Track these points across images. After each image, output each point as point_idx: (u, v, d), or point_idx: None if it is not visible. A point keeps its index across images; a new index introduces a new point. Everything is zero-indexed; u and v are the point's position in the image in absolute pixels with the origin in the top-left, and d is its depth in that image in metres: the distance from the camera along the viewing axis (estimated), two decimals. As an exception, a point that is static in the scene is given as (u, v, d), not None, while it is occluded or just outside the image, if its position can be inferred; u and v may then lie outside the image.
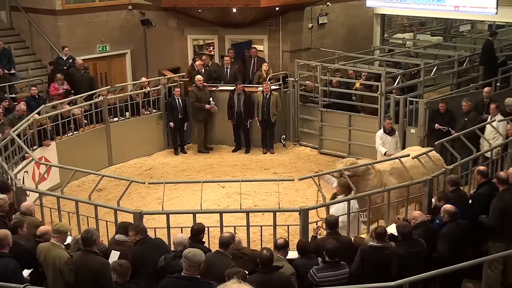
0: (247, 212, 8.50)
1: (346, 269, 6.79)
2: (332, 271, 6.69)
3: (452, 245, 7.36)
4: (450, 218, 7.53)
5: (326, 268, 6.72)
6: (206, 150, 14.92)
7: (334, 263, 6.74)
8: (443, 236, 7.44)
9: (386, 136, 12.12)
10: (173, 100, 14.51)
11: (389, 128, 12.16)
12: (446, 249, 7.37)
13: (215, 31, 16.90)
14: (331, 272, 6.68)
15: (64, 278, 6.87)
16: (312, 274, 6.69)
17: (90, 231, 6.96)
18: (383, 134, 12.16)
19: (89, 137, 13.56)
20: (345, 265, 6.81)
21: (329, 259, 6.74)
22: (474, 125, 11.12)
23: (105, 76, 17.90)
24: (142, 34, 18.07)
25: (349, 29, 17.86)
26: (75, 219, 8.82)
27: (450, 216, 7.53)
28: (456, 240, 7.39)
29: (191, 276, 5.70)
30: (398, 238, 7.25)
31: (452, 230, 7.46)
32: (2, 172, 9.93)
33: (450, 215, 7.53)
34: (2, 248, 6.63)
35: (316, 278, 6.65)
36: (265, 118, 14.51)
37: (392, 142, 12.09)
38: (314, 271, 6.69)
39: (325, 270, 6.69)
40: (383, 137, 12.15)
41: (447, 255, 7.29)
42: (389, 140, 12.11)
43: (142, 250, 6.99)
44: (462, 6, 14.99)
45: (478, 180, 8.67)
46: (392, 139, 12.12)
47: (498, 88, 14.19)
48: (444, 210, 7.61)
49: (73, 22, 16.86)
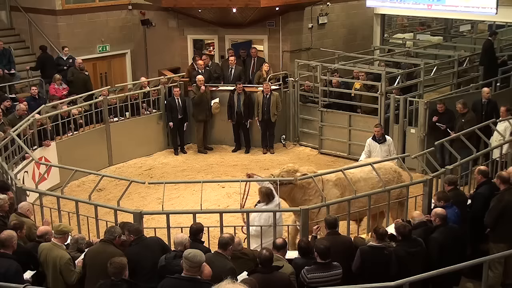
0: (247, 212, 8.50)
1: (339, 270, 6.72)
2: (323, 272, 6.63)
3: (440, 250, 7.30)
4: (441, 222, 7.49)
5: (317, 269, 6.66)
6: (205, 150, 14.92)
7: (325, 264, 6.67)
8: (433, 240, 7.39)
9: (375, 143, 11.24)
10: (173, 100, 14.51)
11: (378, 136, 11.25)
12: (435, 254, 7.31)
13: (215, 31, 16.91)
14: (322, 273, 6.62)
15: (64, 278, 6.88)
16: (303, 275, 6.66)
17: (115, 228, 7.16)
18: (372, 141, 11.31)
19: (89, 137, 13.56)
20: (338, 266, 6.74)
21: (321, 260, 6.68)
22: (472, 125, 11.11)
23: (105, 76, 17.91)
24: (142, 34, 18.08)
25: (349, 29, 17.86)
26: (75, 219, 8.82)
27: (441, 220, 7.49)
28: (445, 245, 7.33)
29: (192, 277, 5.69)
30: (397, 238, 7.25)
31: (442, 235, 7.39)
32: (2, 172, 9.93)
33: (441, 219, 7.49)
34: (6, 249, 6.63)
35: (307, 279, 6.62)
36: (265, 118, 14.51)
37: (381, 150, 11.09)
38: (305, 271, 6.66)
39: (316, 271, 6.64)
40: (371, 144, 11.29)
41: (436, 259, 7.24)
42: (377, 148, 11.16)
43: (136, 251, 6.97)
44: (462, 6, 15.00)
45: (478, 180, 8.67)
46: (382, 147, 11.15)
47: (498, 88, 14.19)
48: (435, 213, 7.57)
49: (73, 22, 16.87)
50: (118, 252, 6.74)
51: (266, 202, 8.63)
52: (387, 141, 11.25)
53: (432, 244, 7.35)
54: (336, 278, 6.67)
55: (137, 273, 6.66)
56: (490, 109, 12.43)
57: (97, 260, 6.77)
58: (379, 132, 11.23)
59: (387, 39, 18.35)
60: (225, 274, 5.40)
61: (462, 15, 16.50)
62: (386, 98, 13.38)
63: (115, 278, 6.03)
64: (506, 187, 8.09)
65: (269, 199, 8.60)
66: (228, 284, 3.55)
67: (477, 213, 8.33)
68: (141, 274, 6.77)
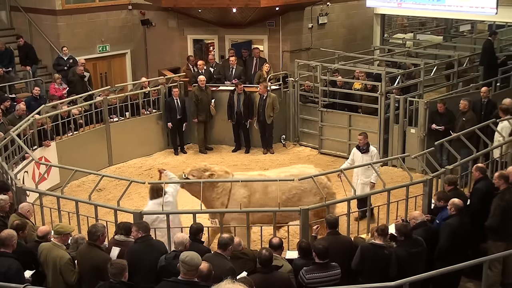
0: (247, 212, 8.50)
1: (337, 270, 6.72)
2: (321, 272, 6.63)
3: (454, 236, 7.39)
4: (457, 212, 7.58)
5: (316, 269, 6.66)
6: (205, 150, 14.92)
7: (323, 264, 6.67)
8: (446, 226, 7.50)
9: (358, 153, 10.60)
10: (172, 101, 14.51)
11: (361, 145, 10.56)
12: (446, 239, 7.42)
13: (215, 31, 16.91)
14: (320, 273, 6.62)
15: (64, 278, 6.89)
16: (301, 275, 6.66)
17: (96, 227, 7.12)
18: (356, 151, 10.69)
19: (89, 137, 13.56)
20: (336, 266, 6.73)
21: (319, 260, 6.68)
22: (472, 124, 11.11)
23: (105, 76, 17.91)
24: (142, 34, 18.08)
25: (349, 29, 17.86)
26: (75, 219, 8.82)
27: (457, 210, 7.59)
28: (458, 234, 7.43)
29: (189, 280, 5.66)
30: (397, 237, 7.26)
31: (456, 222, 7.52)
32: (2, 172, 9.94)
33: (457, 209, 7.59)
34: (6, 248, 6.64)
35: (305, 279, 6.62)
36: (261, 120, 14.51)
37: (363, 160, 10.36)
38: (304, 272, 6.66)
39: (314, 272, 6.64)
40: (355, 153, 10.67)
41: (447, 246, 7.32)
42: (360, 158, 10.52)
43: (139, 249, 6.99)
44: (462, 6, 15.00)
45: (476, 176, 8.70)
46: (364, 157, 10.46)
47: (498, 88, 14.19)
48: (452, 203, 7.66)
49: (73, 22, 16.86)
50: (102, 255, 6.80)
51: (152, 197, 8.76)
52: (370, 152, 10.53)
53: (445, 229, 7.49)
54: (334, 278, 6.67)
55: (135, 272, 6.66)
56: (489, 109, 12.42)
57: (86, 263, 6.87)
58: (362, 141, 10.55)
59: (387, 39, 18.36)
60: (225, 275, 5.39)
61: (462, 15, 16.50)
62: (386, 98, 13.38)
63: (115, 279, 6.03)
64: (507, 186, 8.10)
65: (158, 194, 8.66)
66: (228, 284, 3.57)
67: (475, 207, 8.40)
68: (140, 272, 6.76)
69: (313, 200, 9.03)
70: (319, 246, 6.74)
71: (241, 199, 9.09)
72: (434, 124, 12.50)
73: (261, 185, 9.24)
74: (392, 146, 13.45)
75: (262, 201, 9.19)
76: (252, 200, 9.24)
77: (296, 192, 9.24)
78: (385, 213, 8.81)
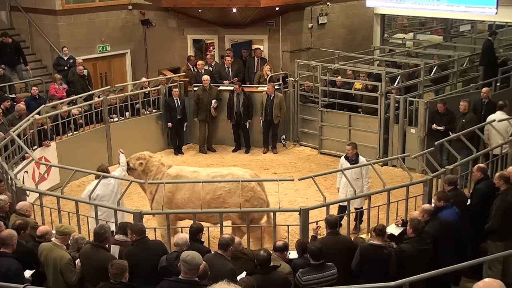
0: (247, 212, 8.50)
1: (333, 270, 6.70)
2: (317, 273, 6.62)
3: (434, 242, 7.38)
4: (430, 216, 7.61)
5: (311, 270, 6.64)
6: (207, 151, 14.90)
7: (319, 265, 6.66)
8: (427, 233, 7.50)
9: (347, 163, 10.14)
10: (171, 101, 14.51)
11: (350, 155, 10.12)
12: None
13: (215, 31, 16.91)
14: (316, 274, 6.61)
15: (64, 278, 6.88)
16: (297, 277, 6.65)
17: (103, 227, 7.05)
18: (344, 161, 10.27)
19: (89, 137, 13.55)
20: (332, 266, 6.72)
21: (314, 261, 6.67)
22: (472, 126, 11.11)
23: (105, 76, 17.91)
24: (142, 34, 18.08)
25: (349, 29, 17.87)
26: (75, 219, 8.82)
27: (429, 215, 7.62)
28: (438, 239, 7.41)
29: (190, 280, 5.66)
30: (407, 234, 7.25)
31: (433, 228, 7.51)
32: (2, 172, 9.93)
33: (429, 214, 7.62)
34: (6, 248, 6.63)
35: (301, 281, 6.60)
36: (268, 119, 14.51)
37: (351, 171, 9.78)
38: (300, 274, 6.64)
39: (310, 273, 6.62)
40: (343, 164, 10.21)
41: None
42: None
43: (136, 251, 6.94)
44: (462, 6, 14.99)
45: (477, 177, 8.70)
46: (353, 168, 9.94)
47: (498, 88, 14.19)
48: (423, 209, 7.72)
49: (73, 22, 16.86)
50: (110, 257, 6.76)
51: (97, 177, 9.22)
52: (359, 163, 10.03)
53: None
54: (331, 278, 6.67)
55: (134, 275, 6.66)
56: (490, 109, 12.42)
57: (92, 264, 6.80)
58: (351, 152, 10.11)
59: (387, 39, 18.35)
60: (225, 276, 5.38)
61: (462, 15, 16.50)
62: (386, 98, 13.38)
63: (115, 279, 6.02)
64: (507, 187, 8.10)
65: (104, 176, 9.09)
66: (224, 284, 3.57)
67: (476, 207, 8.39)
68: (138, 276, 6.73)
69: (237, 202, 9.02)
70: (312, 247, 6.74)
71: (166, 192, 9.27)
72: (434, 124, 12.50)
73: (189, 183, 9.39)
74: (392, 146, 13.45)
75: (188, 198, 9.38)
76: (176, 196, 9.45)
77: (221, 193, 9.31)
78: (385, 213, 8.81)
